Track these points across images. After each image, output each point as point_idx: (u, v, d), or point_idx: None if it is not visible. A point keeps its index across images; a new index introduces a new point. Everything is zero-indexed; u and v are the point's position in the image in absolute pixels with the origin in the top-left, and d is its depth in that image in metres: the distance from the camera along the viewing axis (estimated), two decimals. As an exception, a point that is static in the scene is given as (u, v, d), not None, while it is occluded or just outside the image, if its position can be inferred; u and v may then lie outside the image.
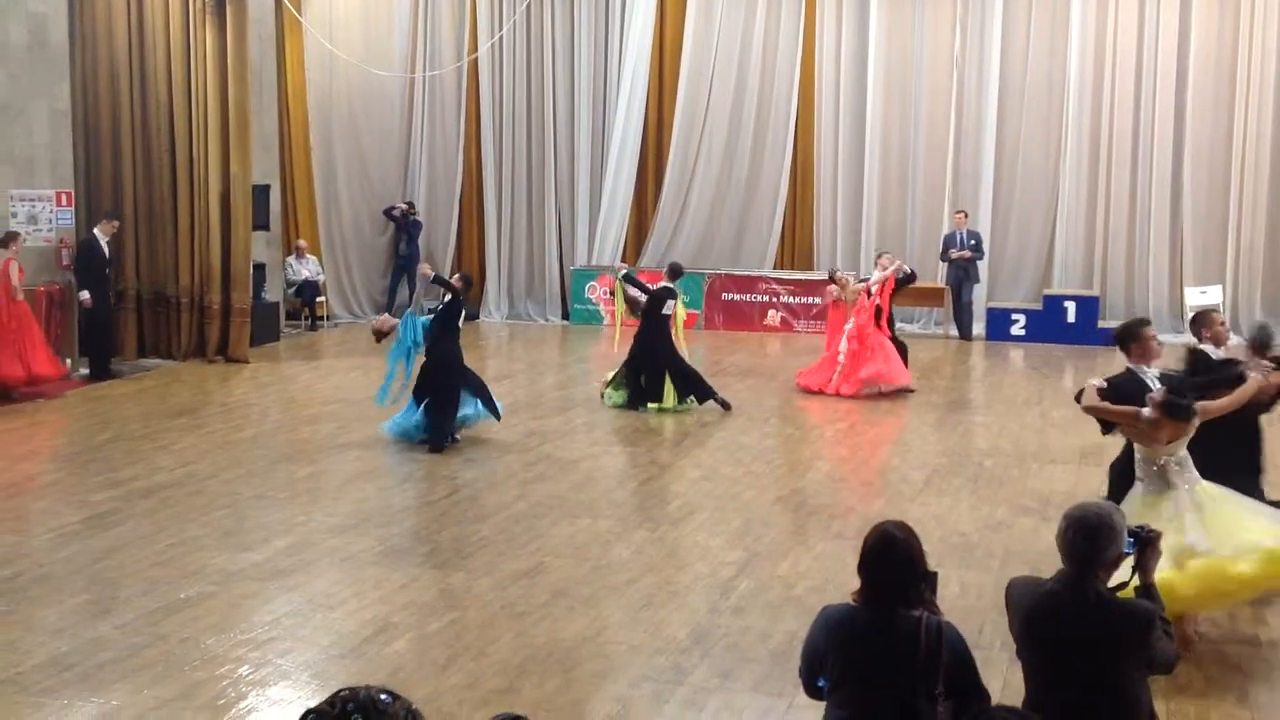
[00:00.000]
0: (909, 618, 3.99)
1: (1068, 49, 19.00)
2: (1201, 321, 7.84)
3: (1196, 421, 6.57)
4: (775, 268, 20.00)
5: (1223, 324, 7.77)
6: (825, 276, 15.87)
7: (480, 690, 6.31)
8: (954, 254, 18.52)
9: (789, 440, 12.48)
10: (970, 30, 19.36)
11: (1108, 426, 7.06)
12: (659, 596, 7.69)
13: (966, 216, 18.77)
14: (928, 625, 3.97)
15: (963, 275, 18.56)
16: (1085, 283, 19.17)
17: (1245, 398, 6.88)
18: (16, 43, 14.67)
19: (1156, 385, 6.83)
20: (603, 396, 13.51)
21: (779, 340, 18.63)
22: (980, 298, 18.99)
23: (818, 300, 19.21)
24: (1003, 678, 6.13)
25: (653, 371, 13.20)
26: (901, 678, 3.94)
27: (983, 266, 18.87)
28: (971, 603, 7.44)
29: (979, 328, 18.71)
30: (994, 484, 10.45)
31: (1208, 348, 7.59)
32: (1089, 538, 4.11)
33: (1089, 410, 6.86)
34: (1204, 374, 7.14)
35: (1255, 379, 6.91)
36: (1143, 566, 4.28)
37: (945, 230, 19.07)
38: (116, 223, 15.04)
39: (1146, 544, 4.28)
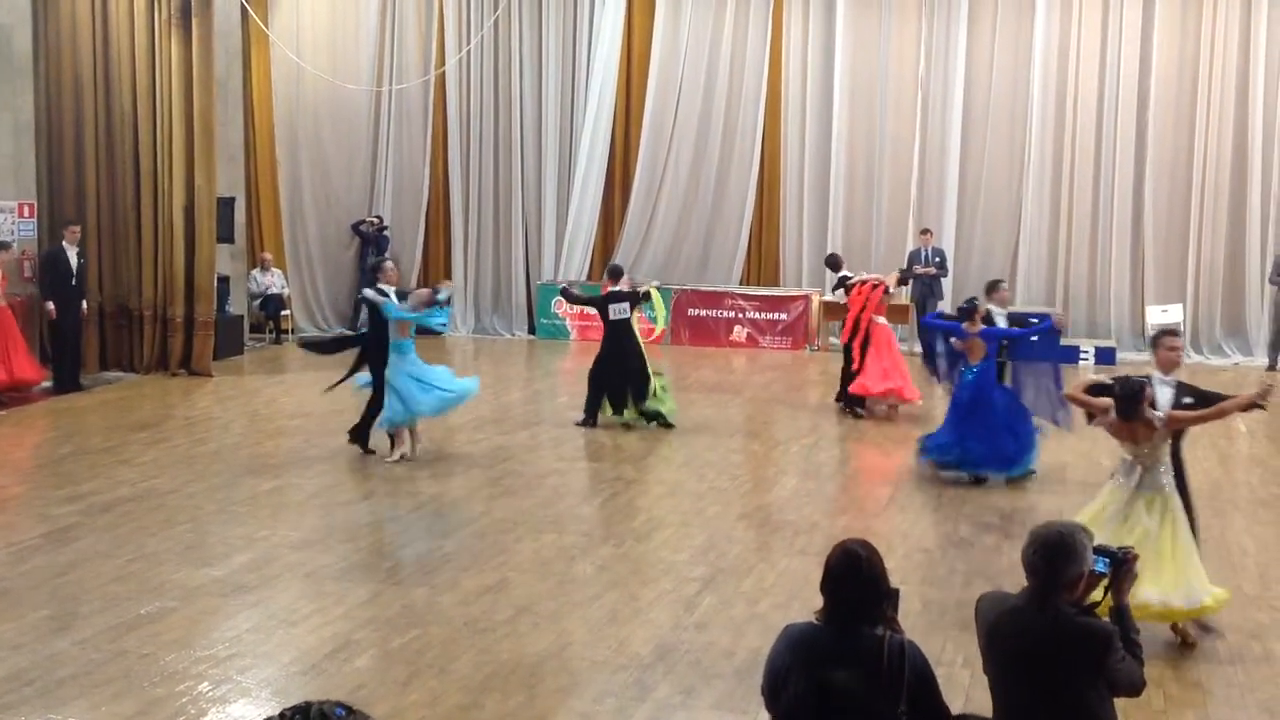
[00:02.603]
0: (872, 636, 3.99)
1: (1030, 70, 19.18)
2: (1154, 344, 7.90)
3: (1162, 425, 6.98)
4: (741, 283, 20.07)
5: (1172, 348, 7.67)
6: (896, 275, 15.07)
7: (442, 707, 6.28)
8: (919, 269, 18.63)
9: (753, 456, 12.51)
10: (935, 50, 19.52)
11: (1090, 417, 7.40)
12: (623, 612, 7.68)
13: (931, 234, 18.90)
14: (891, 644, 3.98)
15: (927, 292, 18.66)
16: (1048, 300, 19.31)
17: (1218, 415, 7.30)
18: (-21, 53, 14.58)
19: (1166, 392, 7.30)
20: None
21: (745, 356, 18.68)
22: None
23: (784, 316, 19.32)
24: (965, 695, 6.17)
25: (618, 379, 13.13)
26: (862, 697, 3.95)
27: (946, 284, 18.98)
28: (934, 620, 7.47)
29: (942, 343, 18.79)
30: (957, 501, 10.51)
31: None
32: (1047, 556, 4.14)
33: (1068, 397, 7.47)
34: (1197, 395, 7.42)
35: (1237, 400, 7.27)
36: (1116, 587, 4.29)
37: (910, 247, 19.19)
38: (77, 228, 14.93)
39: (1121, 565, 4.28)
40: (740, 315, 19.45)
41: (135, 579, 8.12)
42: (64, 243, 14.79)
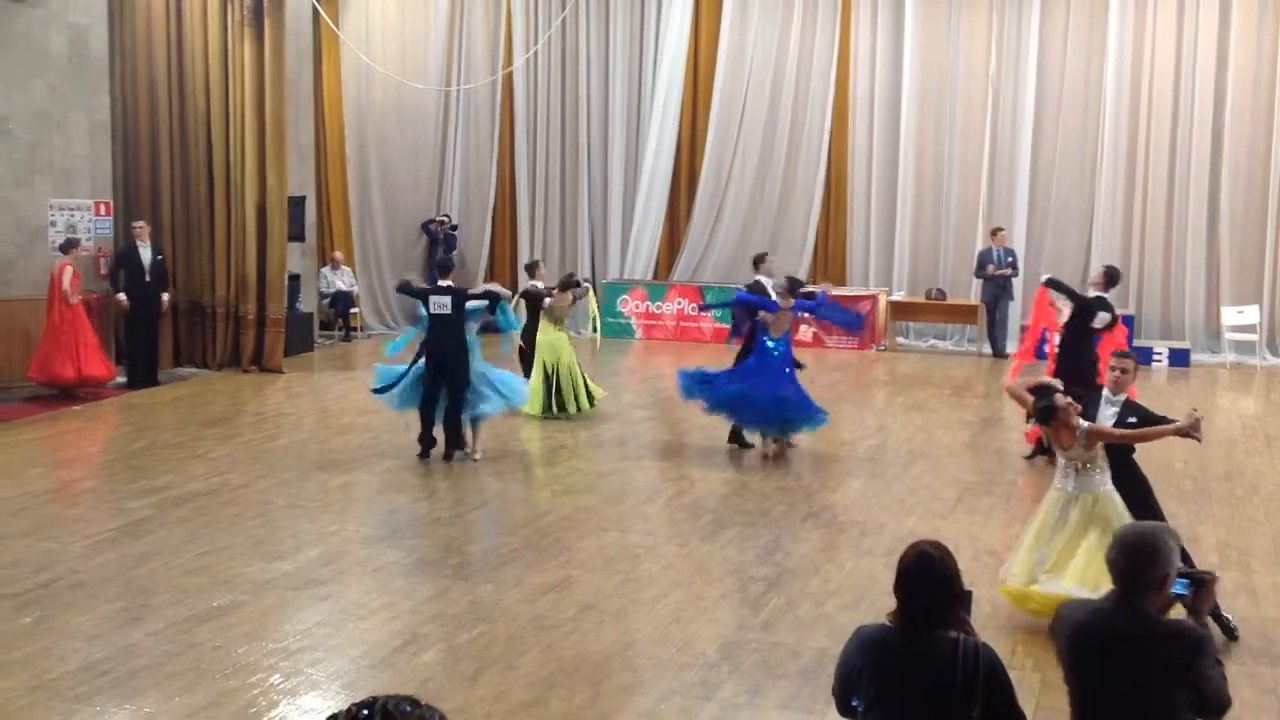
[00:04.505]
0: (946, 639, 3.95)
1: (1104, 66, 18.92)
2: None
3: (1083, 437, 7.13)
4: (808, 283, 19.92)
5: (1114, 368, 7.88)
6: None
7: (509, 702, 6.31)
8: (992, 269, 18.40)
9: (819, 457, 12.42)
10: (1006, 47, 19.31)
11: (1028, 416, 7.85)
12: (688, 611, 7.67)
13: (1003, 233, 18.66)
14: (965, 647, 3.93)
15: (999, 292, 18.47)
16: (1121, 301, 18.91)
17: (1141, 437, 7.45)
18: (57, 54, 14.85)
19: (1109, 411, 7.58)
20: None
21: (811, 356, 18.54)
22: (1014, 315, 18.89)
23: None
24: (1035, 700, 6.10)
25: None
26: (939, 700, 3.90)
27: (1016, 284, 18.77)
28: (1003, 623, 7.39)
29: (1012, 345, 18.60)
30: (1027, 502, 10.38)
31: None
32: (1129, 556, 4.07)
33: (1007, 390, 7.91)
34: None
35: (1167, 427, 7.37)
36: (1196, 608, 4.21)
37: (979, 247, 19.00)
38: (140, 223, 15.16)
39: (1200, 585, 4.21)
40: (807, 315, 19.30)
41: (207, 572, 8.23)
42: (135, 240, 15.05)
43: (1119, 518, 7.16)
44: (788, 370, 11.89)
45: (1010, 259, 18.52)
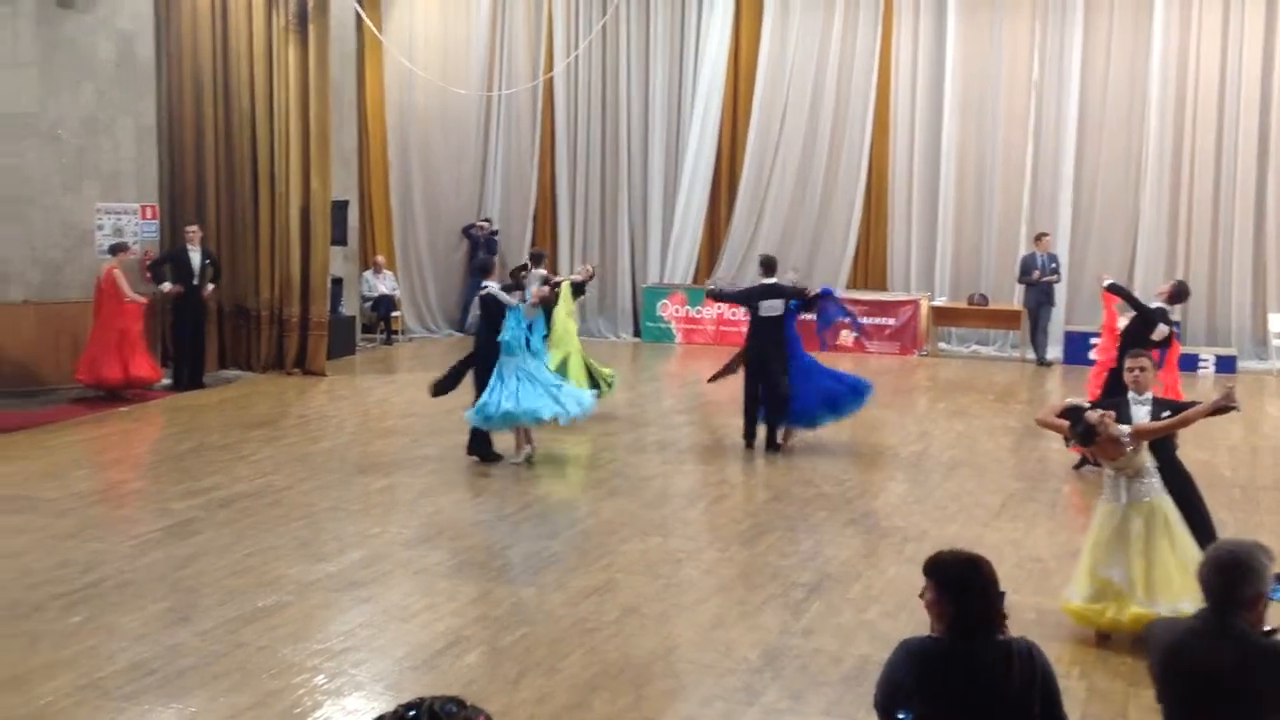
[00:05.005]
0: (998, 643, 3.91)
1: (1148, 70, 18.74)
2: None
3: (1129, 441, 7.12)
4: (849, 287, 19.87)
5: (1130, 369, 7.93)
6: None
7: (551, 706, 6.33)
8: (1037, 275, 18.24)
9: (861, 462, 12.39)
10: (1049, 53, 19.17)
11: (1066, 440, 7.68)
12: (730, 616, 7.67)
13: (1048, 238, 18.51)
14: (1019, 649, 3.90)
15: (1043, 298, 18.33)
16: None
17: (1182, 423, 7.46)
18: (105, 59, 15.02)
19: (1141, 411, 7.52)
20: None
21: (852, 361, 18.47)
22: (1057, 320, 18.75)
23: (891, 321, 19.10)
24: (1081, 708, 6.07)
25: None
26: (998, 704, 3.86)
27: (1060, 289, 18.63)
28: (1049, 631, 7.32)
29: (1055, 351, 18.48)
30: (1071, 510, 10.32)
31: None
32: (1220, 574, 3.98)
33: (1038, 421, 7.71)
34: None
35: (1202, 406, 7.41)
36: None
37: (1022, 252, 18.86)
38: (194, 228, 15.32)
39: None
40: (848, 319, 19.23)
41: (252, 573, 8.30)
42: (186, 243, 15.21)
43: (1179, 521, 7.20)
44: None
45: (1054, 265, 18.38)
